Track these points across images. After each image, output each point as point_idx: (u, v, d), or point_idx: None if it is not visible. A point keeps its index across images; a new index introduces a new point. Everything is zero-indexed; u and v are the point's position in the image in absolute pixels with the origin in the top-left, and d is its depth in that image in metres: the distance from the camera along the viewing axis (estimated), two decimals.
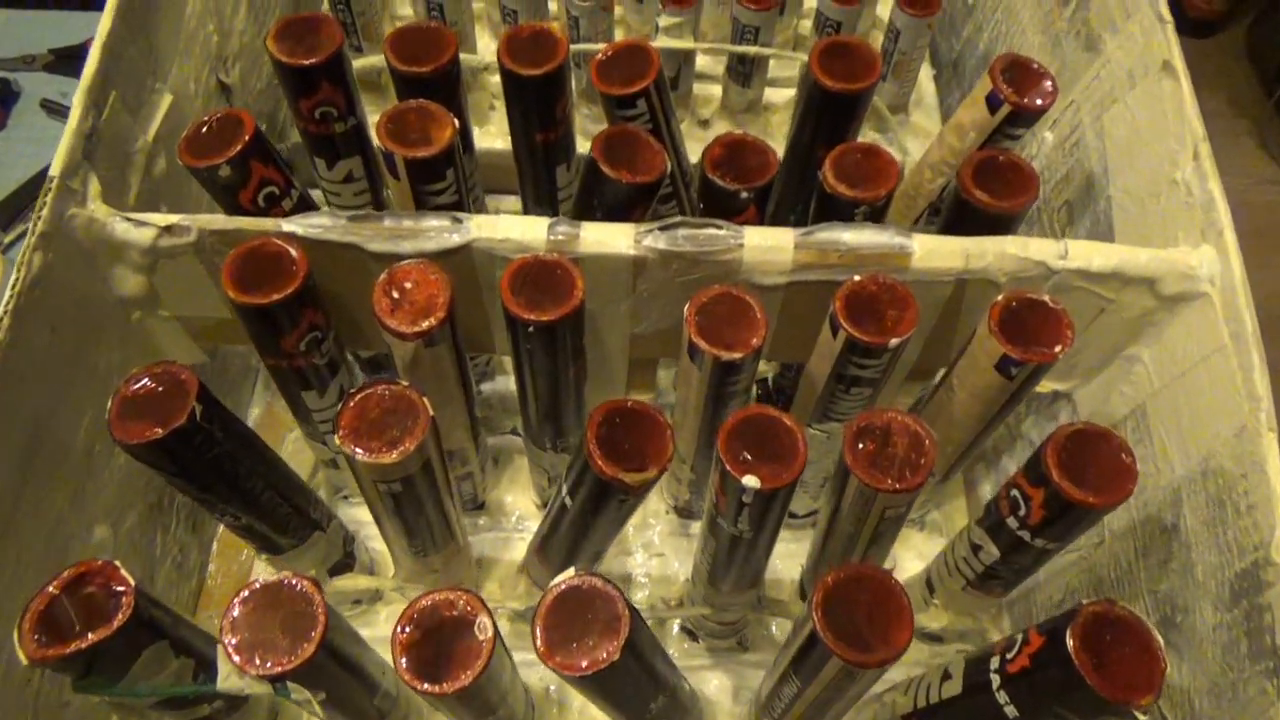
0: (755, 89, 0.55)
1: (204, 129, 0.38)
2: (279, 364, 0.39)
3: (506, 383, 0.54)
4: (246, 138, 0.38)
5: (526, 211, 0.50)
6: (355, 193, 0.48)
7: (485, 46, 0.60)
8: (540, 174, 0.47)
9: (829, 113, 0.42)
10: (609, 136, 0.39)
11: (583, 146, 0.41)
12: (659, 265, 0.39)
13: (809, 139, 0.44)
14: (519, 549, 0.48)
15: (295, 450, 0.50)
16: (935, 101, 0.60)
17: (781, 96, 0.58)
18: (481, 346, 0.45)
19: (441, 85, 0.42)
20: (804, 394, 0.41)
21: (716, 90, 0.58)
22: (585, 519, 0.36)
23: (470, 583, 0.46)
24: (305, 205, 0.42)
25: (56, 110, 0.77)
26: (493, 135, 0.58)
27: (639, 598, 0.49)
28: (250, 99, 0.55)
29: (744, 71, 0.53)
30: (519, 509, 0.51)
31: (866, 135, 0.58)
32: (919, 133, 0.59)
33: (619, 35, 0.60)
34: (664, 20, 0.50)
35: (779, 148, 0.57)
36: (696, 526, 0.50)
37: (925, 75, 0.62)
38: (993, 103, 0.41)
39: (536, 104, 0.43)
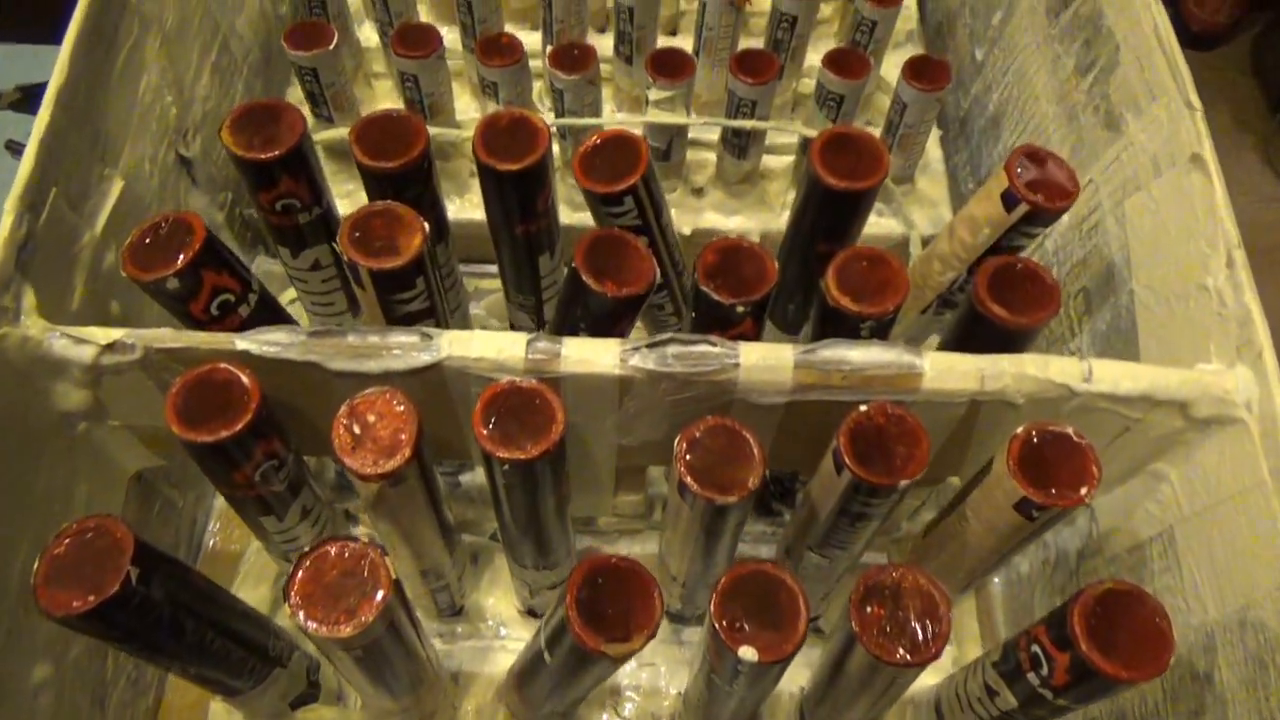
0: (752, 160, 0.52)
1: (148, 237, 0.35)
2: (233, 493, 0.36)
3: None
4: (196, 246, 0.35)
5: (507, 297, 0.47)
6: (323, 279, 0.46)
7: (466, 107, 0.57)
8: (521, 262, 0.44)
9: (831, 209, 0.39)
10: (594, 242, 0.37)
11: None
12: (647, 385, 0.36)
13: (808, 232, 0.41)
14: (500, 661, 0.45)
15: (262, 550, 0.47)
16: (942, 166, 0.58)
17: (779, 163, 0.55)
18: (455, 455, 0.42)
19: (412, 180, 0.39)
20: (803, 517, 0.38)
21: (711, 156, 0.55)
22: (564, 676, 0.33)
23: (445, 707, 0.43)
24: (265, 307, 0.39)
25: (22, 152, 0.74)
26: (474, 205, 0.55)
27: (627, 711, 0.46)
28: (214, 169, 0.52)
29: (740, 144, 0.50)
30: (500, 614, 0.48)
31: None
32: (924, 201, 0.56)
33: (608, 101, 0.58)
34: (655, 93, 0.47)
35: (777, 220, 0.55)
36: (690, 633, 0.47)
37: (931, 137, 0.60)
38: (1009, 201, 0.38)
39: (517, 198, 0.40)
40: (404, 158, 0.38)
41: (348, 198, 0.54)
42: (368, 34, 0.58)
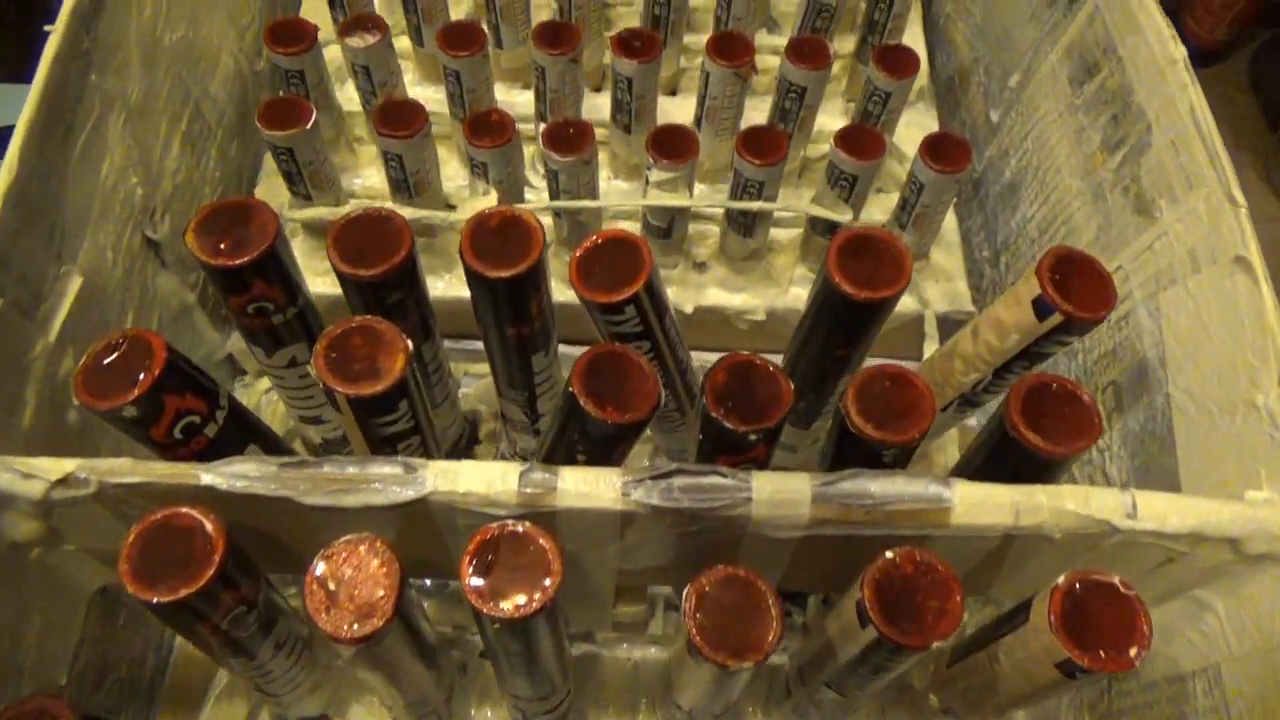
0: (758, 238, 0.49)
1: (104, 358, 0.33)
2: (198, 640, 0.33)
3: None
4: (156, 370, 0.32)
5: (498, 389, 0.44)
6: (300, 375, 0.43)
7: (454, 174, 0.55)
8: (513, 362, 0.41)
9: (849, 317, 0.37)
10: (592, 361, 0.34)
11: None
12: (651, 519, 0.33)
13: (823, 337, 0.38)
14: None
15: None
16: (956, 235, 0.55)
17: (787, 235, 0.53)
18: (442, 574, 0.39)
19: (395, 286, 0.36)
20: (818, 647, 0.35)
21: (714, 228, 0.53)
22: None
23: None
24: (235, 421, 0.37)
25: None
26: (463, 282, 0.52)
27: None
28: (184, 249, 0.49)
29: (746, 222, 0.48)
30: None
31: None
32: (939, 274, 0.53)
33: (604, 166, 0.55)
34: (656, 174, 0.45)
35: (784, 297, 0.52)
36: None
37: None
38: (1041, 309, 0.36)
39: (509, 304, 0.37)
40: (386, 264, 0.36)
41: (327, 274, 0.51)
42: (350, 94, 0.55)
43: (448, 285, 0.52)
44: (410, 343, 0.34)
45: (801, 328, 0.40)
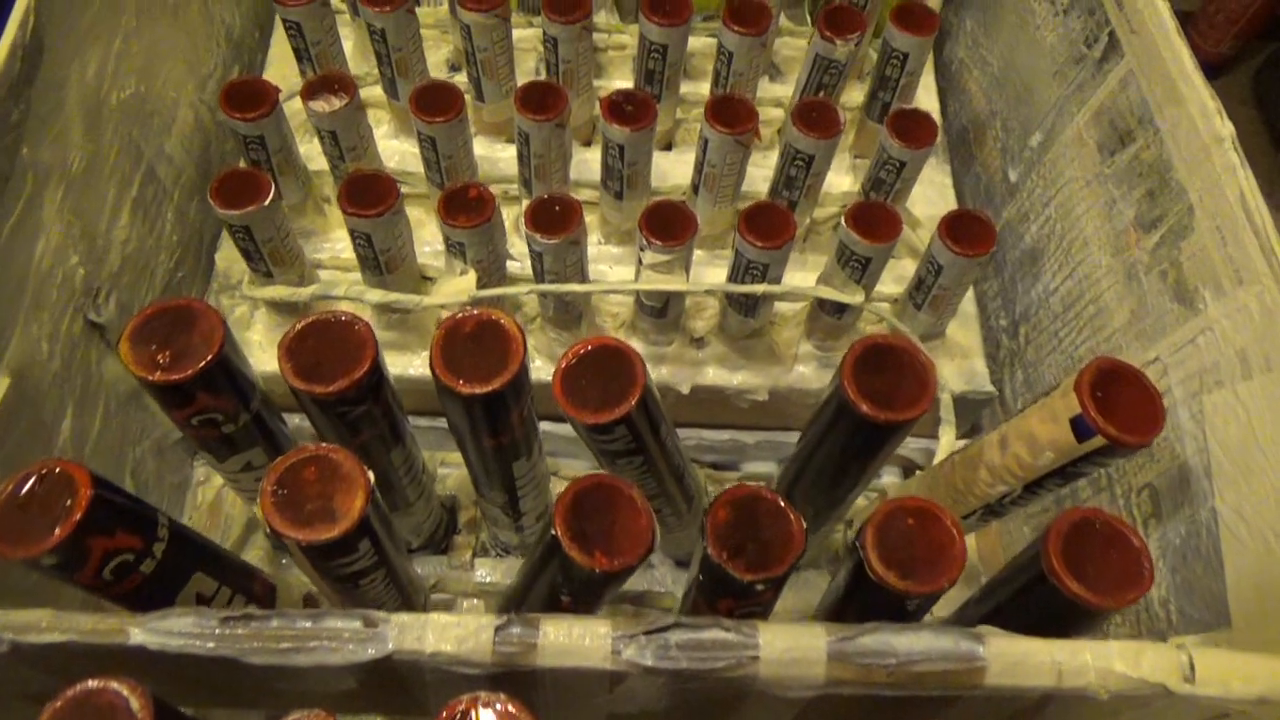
0: (761, 318, 0.46)
1: (20, 493, 0.29)
2: None
3: None
4: (78, 513, 0.28)
5: (477, 492, 0.41)
6: (257, 479, 0.39)
7: (432, 236, 0.51)
8: (491, 469, 0.37)
9: (864, 437, 0.33)
10: (577, 498, 0.30)
11: None
12: (644, 679, 0.29)
13: (835, 456, 0.35)
14: None
15: None
16: (973, 306, 0.51)
17: (791, 309, 0.49)
18: (408, 714, 0.35)
19: (356, 401, 0.33)
20: None
21: (712, 300, 0.49)
22: None
23: None
24: (177, 552, 0.33)
25: None
26: None
27: None
28: None
29: (748, 303, 0.44)
30: None
31: None
32: (954, 351, 0.50)
33: (594, 230, 0.51)
34: (650, 256, 0.41)
35: (788, 375, 0.49)
36: None
37: None
38: (1081, 430, 0.32)
39: (485, 418, 0.33)
40: (346, 379, 0.32)
41: None
42: (319, 146, 0.52)
43: (424, 363, 0.48)
44: (372, 474, 0.30)
45: (808, 437, 0.37)
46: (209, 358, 0.32)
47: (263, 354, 0.48)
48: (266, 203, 0.40)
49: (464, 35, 0.47)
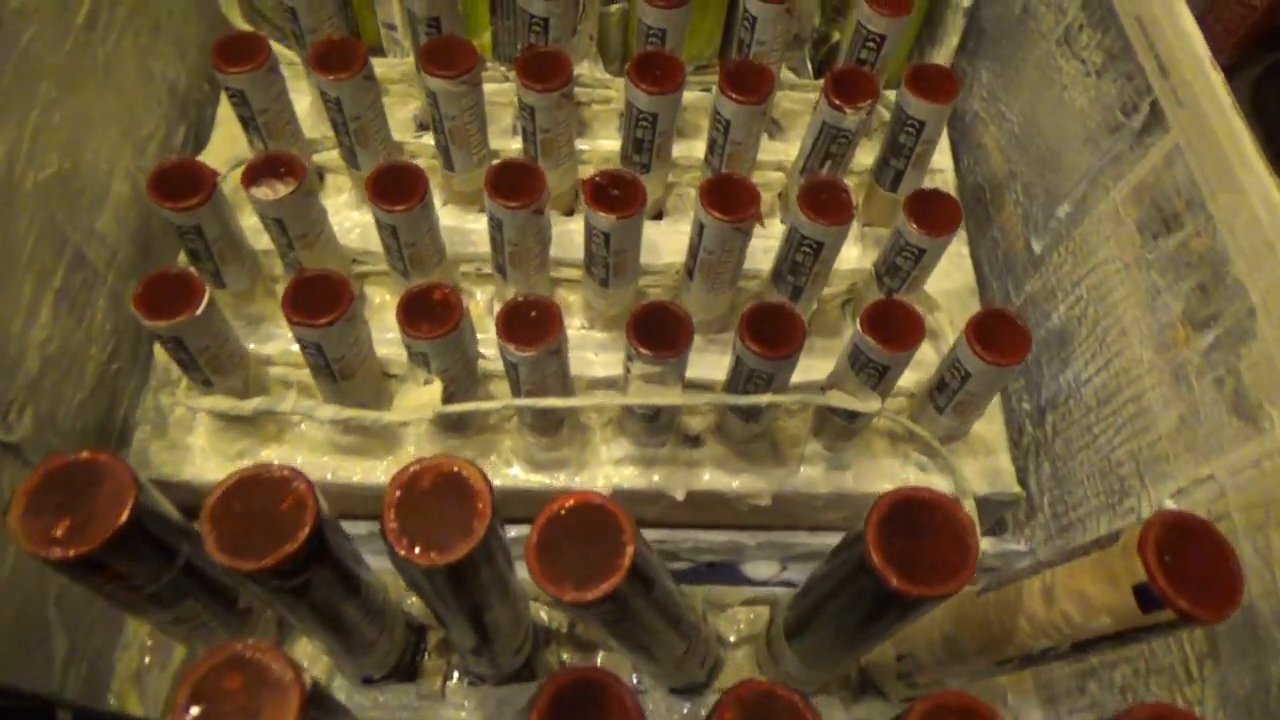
0: (763, 423, 0.41)
1: None
2: None
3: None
4: None
5: (446, 637, 0.36)
6: (192, 628, 0.34)
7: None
8: (459, 621, 0.33)
9: (889, 607, 0.28)
10: (558, 694, 0.25)
11: None
12: None
13: (856, 619, 0.30)
14: None
15: None
16: (998, 396, 0.47)
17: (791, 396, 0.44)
18: None
19: (295, 572, 0.28)
20: None
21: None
22: None
23: None
24: None
25: None
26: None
27: None
28: (60, 438, 0.40)
29: (750, 409, 0.39)
30: None
31: (909, 471, 0.44)
32: (976, 447, 0.45)
33: (575, 314, 0.46)
34: (640, 367, 0.36)
35: (793, 478, 0.44)
36: None
37: None
38: (1147, 601, 0.28)
39: (449, 585, 0.29)
40: (280, 551, 0.27)
41: (240, 457, 0.43)
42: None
43: (386, 471, 0.43)
44: (308, 676, 0.25)
45: (820, 589, 0.32)
46: (117, 526, 0.27)
47: (205, 462, 0.43)
48: (199, 311, 0.35)
49: (430, 102, 0.43)
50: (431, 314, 0.36)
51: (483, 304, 0.47)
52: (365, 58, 0.41)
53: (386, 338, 0.46)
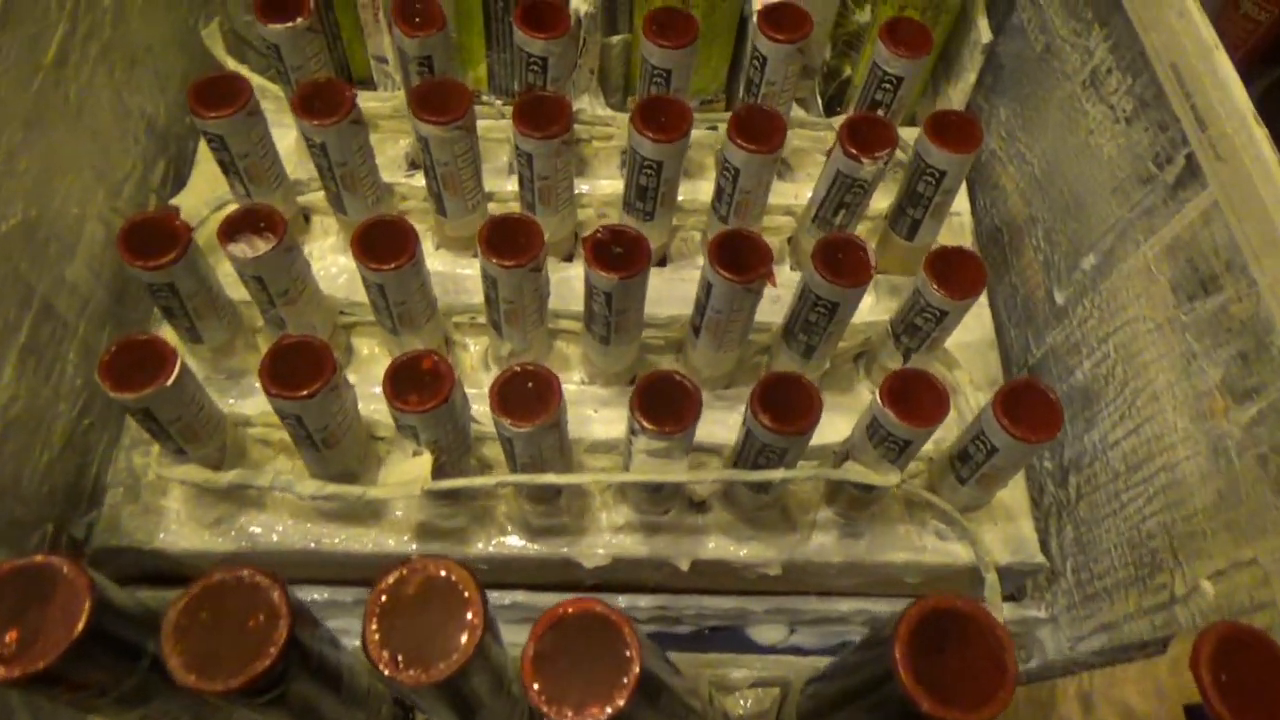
0: (773, 494, 0.39)
1: None
2: None
3: None
4: None
5: None
6: None
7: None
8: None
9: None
10: None
11: None
12: None
13: None
14: None
15: None
16: None
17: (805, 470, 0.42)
18: None
19: (261, 692, 0.25)
20: None
21: (715, 458, 0.42)
22: None
23: None
24: None
25: None
26: (392, 536, 0.41)
27: None
28: (23, 505, 0.37)
29: (762, 482, 0.37)
30: None
31: (927, 539, 0.42)
32: (998, 514, 0.43)
33: (574, 369, 0.44)
34: (644, 443, 0.34)
35: (804, 547, 0.42)
36: None
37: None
38: None
39: (437, 699, 0.26)
40: (250, 670, 0.24)
41: (218, 527, 0.40)
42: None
43: (375, 540, 0.41)
44: None
45: (834, 691, 0.30)
46: (70, 641, 0.25)
47: (181, 528, 0.40)
48: (169, 382, 0.32)
49: (422, 147, 0.40)
50: (420, 384, 0.33)
51: (476, 357, 0.45)
52: (352, 101, 0.39)
53: (374, 391, 0.44)
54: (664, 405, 0.34)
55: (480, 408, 0.43)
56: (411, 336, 0.40)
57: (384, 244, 0.36)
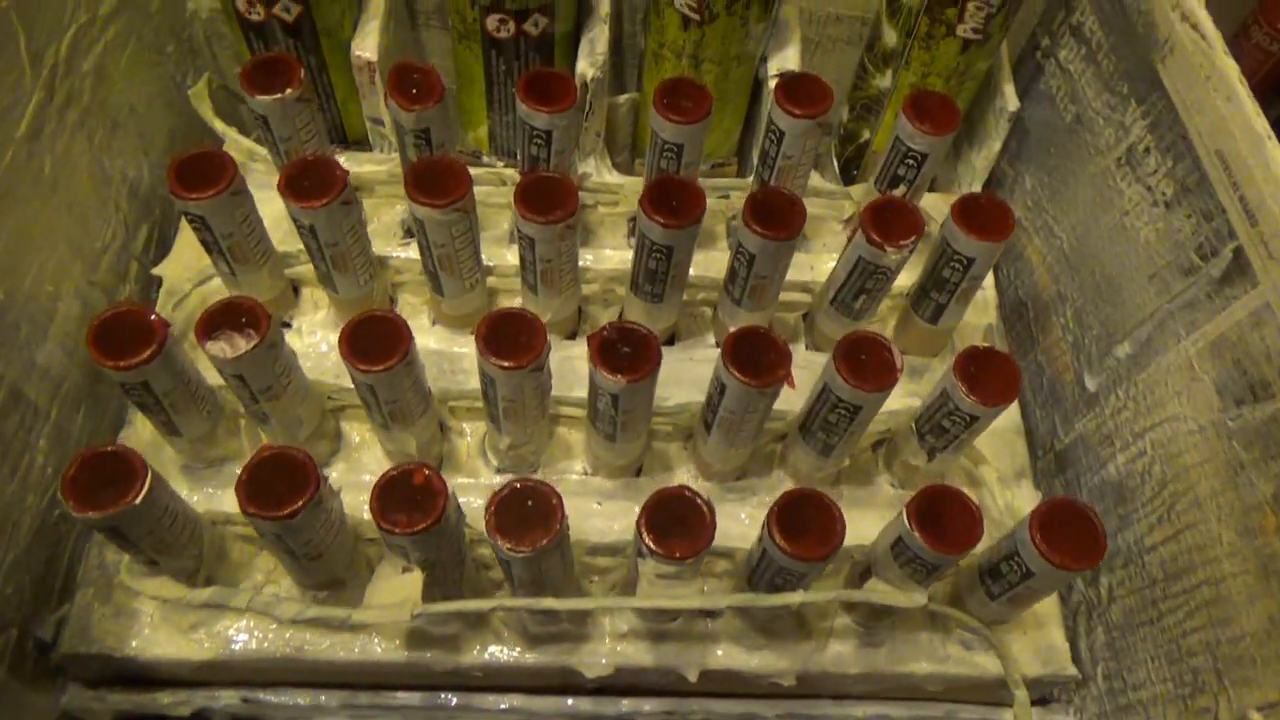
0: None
1: None
2: None
3: None
4: None
5: None
6: None
7: (377, 464, 0.41)
8: None
9: None
10: None
11: None
12: None
13: None
14: None
15: None
16: None
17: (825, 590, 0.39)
18: None
19: None
20: None
21: (725, 563, 0.39)
22: None
23: None
24: None
25: None
26: (381, 643, 0.39)
27: None
28: None
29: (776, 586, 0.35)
30: None
31: (951, 648, 0.39)
32: (1028, 622, 0.41)
33: (575, 459, 0.42)
34: (652, 566, 0.31)
35: (820, 656, 0.39)
36: None
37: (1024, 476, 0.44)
38: None
39: None
40: None
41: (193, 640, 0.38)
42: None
43: (364, 648, 0.38)
44: None
45: None
46: None
47: (155, 634, 0.38)
48: (138, 500, 0.30)
49: (417, 228, 0.38)
50: (411, 503, 0.31)
51: (474, 444, 0.42)
52: (343, 182, 0.37)
53: (364, 479, 0.42)
54: (675, 525, 0.31)
55: (477, 501, 0.41)
56: (404, 433, 0.37)
57: (374, 342, 0.33)
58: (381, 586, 0.33)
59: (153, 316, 0.33)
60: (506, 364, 0.33)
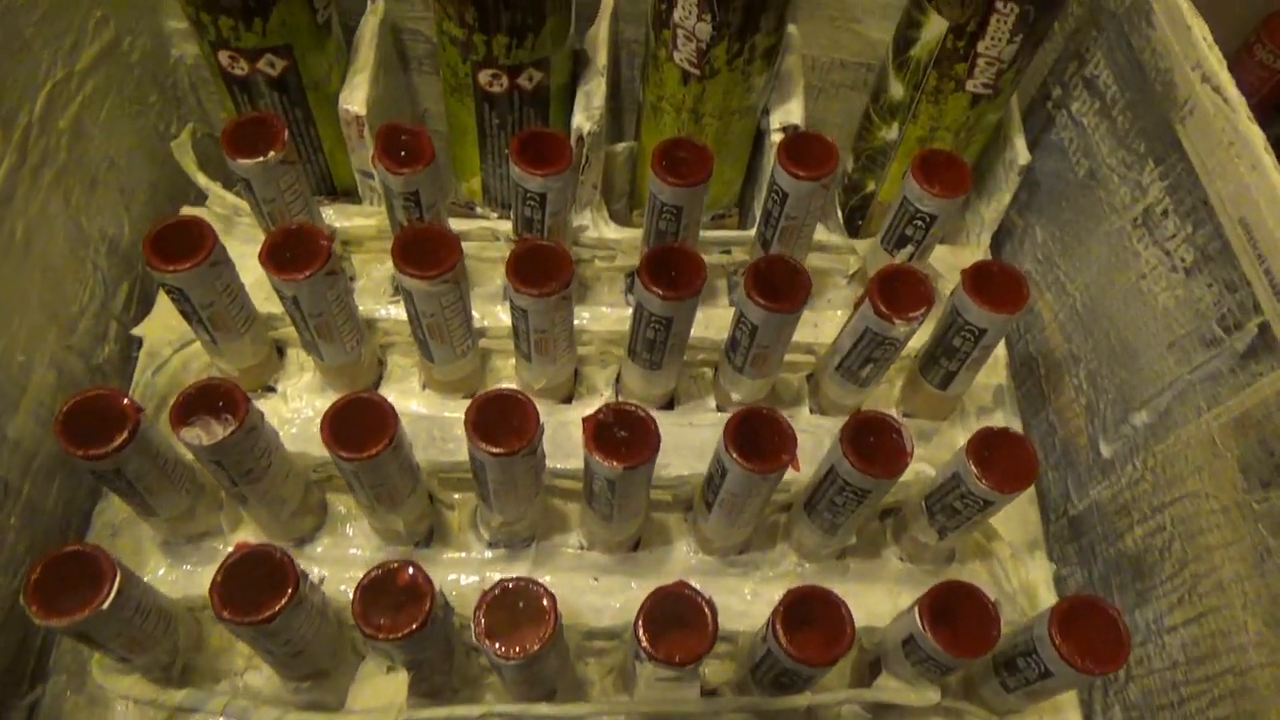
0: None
1: None
2: None
3: None
4: None
5: None
6: None
7: (370, 551, 0.39)
8: None
9: None
10: None
11: None
12: None
13: None
14: None
15: None
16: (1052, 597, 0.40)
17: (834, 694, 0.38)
18: None
19: None
20: None
21: (728, 646, 0.38)
22: None
23: None
24: None
25: None
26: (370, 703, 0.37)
27: None
28: None
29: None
30: None
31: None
32: (1044, 708, 0.39)
33: (573, 535, 0.40)
34: (650, 670, 0.30)
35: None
36: None
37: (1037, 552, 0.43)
38: None
39: None
40: None
41: None
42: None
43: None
44: None
45: None
46: None
47: None
48: (106, 605, 0.28)
49: (406, 299, 0.36)
50: (395, 604, 0.29)
51: (464, 517, 0.41)
52: (328, 252, 0.35)
53: (352, 554, 0.40)
54: (674, 624, 0.30)
55: (467, 579, 0.39)
56: (392, 515, 0.36)
57: (357, 426, 0.32)
58: (365, 688, 0.32)
59: (125, 401, 0.32)
60: (496, 450, 0.32)
